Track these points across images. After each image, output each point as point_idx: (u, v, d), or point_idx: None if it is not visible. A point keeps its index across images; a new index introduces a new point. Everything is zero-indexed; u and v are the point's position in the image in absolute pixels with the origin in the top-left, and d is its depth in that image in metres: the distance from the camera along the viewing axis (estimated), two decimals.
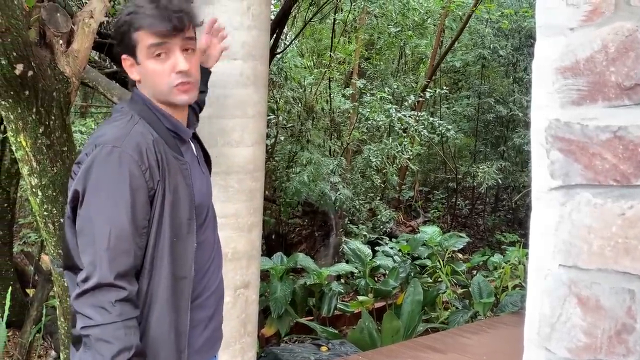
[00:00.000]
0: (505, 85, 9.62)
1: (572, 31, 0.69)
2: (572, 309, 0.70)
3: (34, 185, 2.12)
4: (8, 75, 1.83)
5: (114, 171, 1.24)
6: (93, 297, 1.20)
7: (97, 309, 1.19)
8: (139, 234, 1.25)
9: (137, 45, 1.34)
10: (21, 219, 6.71)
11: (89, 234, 1.23)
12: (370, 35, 9.03)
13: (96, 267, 1.21)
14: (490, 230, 9.39)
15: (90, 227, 1.24)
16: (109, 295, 1.20)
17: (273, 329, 4.79)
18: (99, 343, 1.18)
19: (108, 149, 1.26)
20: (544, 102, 0.72)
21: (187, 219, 1.35)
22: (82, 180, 1.26)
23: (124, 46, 1.37)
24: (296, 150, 7.05)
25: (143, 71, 1.37)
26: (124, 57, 1.39)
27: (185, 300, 1.35)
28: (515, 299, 5.09)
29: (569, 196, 0.70)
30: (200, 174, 1.47)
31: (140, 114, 1.36)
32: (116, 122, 1.35)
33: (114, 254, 1.21)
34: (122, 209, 1.23)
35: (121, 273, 1.22)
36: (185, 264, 1.35)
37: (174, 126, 1.39)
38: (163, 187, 1.30)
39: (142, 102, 1.39)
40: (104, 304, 1.19)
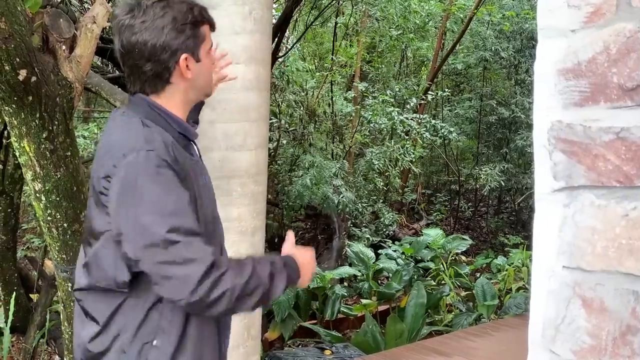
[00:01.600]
0: (507, 87, 9.62)
1: (573, 33, 0.69)
2: (576, 311, 0.70)
3: (37, 190, 2.12)
4: (12, 81, 1.84)
5: (159, 173, 1.19)
6: (210, 280, 1.15)
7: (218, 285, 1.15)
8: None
9: (204, 40, 1.32)
10: (25, 224, 6.73)
11: (157, 233, 1.15)
12: (372, 38, 9.04)
13: (192, 259, 1.15)
14: (493, 233, 9.37)
15: (157, 229, 1.15)
16: (218, 270, 1.16)
17: (277, 333, 4.79)
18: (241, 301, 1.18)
19: (144, 154, 1.19)
20: (546, 104, 0.72)
21: (212, 216, 1.36)
22: (129, 191, 1.18)
23: (191, 42, 1.29)
24: (298, 154, 7.05)
25: (201, 68, 1.34)
26: (185, 56, 1.29)
27: None
28: (519, 301, 5.08)
29: (572, 197, 0.70)
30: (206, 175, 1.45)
31: (148, 117, 1.29)
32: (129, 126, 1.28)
33: (194, 242, 1.17)
34: (181, 203, 1.19)
35: (211, 251, 1.18)
36: None
37: (181, 127, 1.35)
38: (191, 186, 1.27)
39: (147, 105, 1.32)
40: (217, 278, 1.15)
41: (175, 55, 1.28)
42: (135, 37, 1.26)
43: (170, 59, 1.28)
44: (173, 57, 1.28)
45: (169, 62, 1.28)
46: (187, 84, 1.33)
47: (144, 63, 1.28)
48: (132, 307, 1.25)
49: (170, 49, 1.27)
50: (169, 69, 1.29)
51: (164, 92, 1.32)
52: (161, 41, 1.26)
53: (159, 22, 1.26)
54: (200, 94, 1.40)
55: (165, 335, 1.25)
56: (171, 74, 1.30)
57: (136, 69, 1.30)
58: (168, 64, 1.28)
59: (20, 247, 5.94)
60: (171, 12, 1.27)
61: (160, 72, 1.29)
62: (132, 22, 1.26)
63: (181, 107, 1.36)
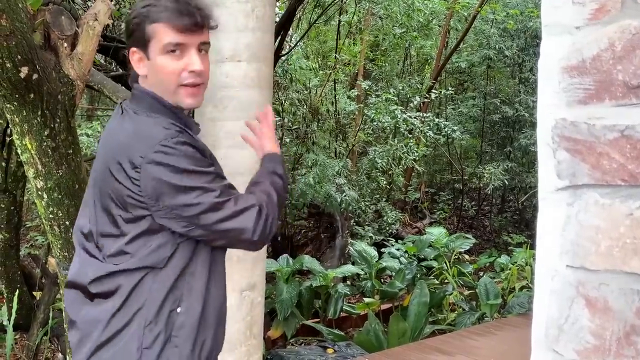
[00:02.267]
0: (511, 85, 9.59)
1: (578, 30, 0.68)
2: (580, 311, 0.69)
3: (39, 188, 2.12)
4: (13, 79, 1.84)
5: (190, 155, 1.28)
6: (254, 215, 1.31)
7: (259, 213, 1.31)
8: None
9: (151, 39, 1.31)
10: (28, 221, 6.75)
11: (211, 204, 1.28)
12: (375, 36, 9.03)
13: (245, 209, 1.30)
14: (496, 232, 9.35)
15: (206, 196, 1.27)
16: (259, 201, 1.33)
17: (279, 331, 4.79)
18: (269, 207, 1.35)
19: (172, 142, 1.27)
20: (550, 102, 0.72)
21: None
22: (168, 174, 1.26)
23: (135, 39, 1.33)
24: (301, 152, 7.05)
25: (152, 67, 1.33)
26: (133, 50, 1.35)
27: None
28: (523, 300, 5.06)
29: (576, 196, 0.69)
30: None
31: (151, 109, 1.33)
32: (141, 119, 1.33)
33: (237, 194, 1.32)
34: (214, 167, 1.32)
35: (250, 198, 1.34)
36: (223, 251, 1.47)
37: (183, 122, 1.36)
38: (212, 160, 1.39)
39: (151, 98, 1.35)
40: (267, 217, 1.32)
41: (129, 47, 1.37)
42: None
43: (128, 49, 1.38)
44: (128, 48, 1.38)
45: (127, 51, 1.40)
46: (146, 79, 1.37)
47: None
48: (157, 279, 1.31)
49: (127, 40, 1.38)
50: (128, 59, 1.39)
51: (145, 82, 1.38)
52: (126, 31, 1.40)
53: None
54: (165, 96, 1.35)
55: (189, 300, 1.33)
56: (132, 65, 1.38)
57: None
58: (127, 54, 1.40)
59: (23, 244, 5.96)
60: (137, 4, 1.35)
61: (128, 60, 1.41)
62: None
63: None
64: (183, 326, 1.31)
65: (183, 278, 1.33)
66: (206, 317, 1.35)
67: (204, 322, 1.34)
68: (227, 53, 2.12)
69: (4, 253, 4.53)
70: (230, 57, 2.10)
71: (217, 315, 1.39)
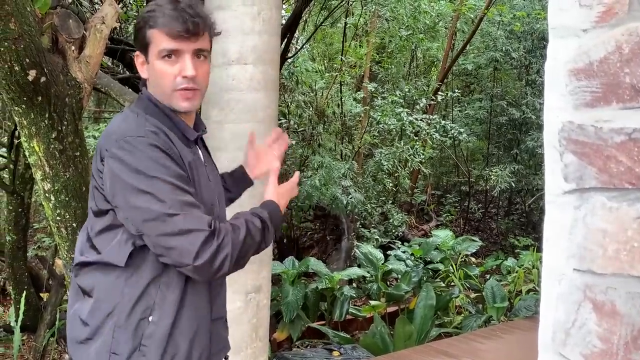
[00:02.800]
0: (517, 87, 9.56)
1: (585, 32, 0.68)
2: (587, 315, 0.69)
3: (47, 190, 2.13)
4: (21, 81, 1.85)
5: (147, 156, 1.24)
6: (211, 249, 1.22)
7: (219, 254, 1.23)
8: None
9: (150, 44, 1.35)
10: (36, 223, 6.79)
11: (162, 215, 1.22)
12: (382, 38, 9.03)
13: (189, 230, 1.21)
14: (503, 234, 9.32)
15: (155, 206, 1.22)
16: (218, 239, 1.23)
17: (285, 334, 4.79)
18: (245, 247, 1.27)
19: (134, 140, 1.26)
20: (557, 104, 0.71)
21: (211, 204, 1.38)
22: (121, 172, 1.25)
23: (139, 43, 1.38)
24: (307, 154, 7.05)
25: (151, 70, 1.37)
26: (137, 54, 1.40)
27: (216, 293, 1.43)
28: (529, 303, 5.04)
29: (583, 199, 0.69)
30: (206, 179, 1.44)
31: (146, 111, 1.36)
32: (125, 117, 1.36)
33: (190, 213, 1.23)
34: (175, 180, 1.24)
35: (206, 220, 1.24)
36: None
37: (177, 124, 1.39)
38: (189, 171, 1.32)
39: (148, 100, 1.39)
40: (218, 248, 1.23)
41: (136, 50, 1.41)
42: None
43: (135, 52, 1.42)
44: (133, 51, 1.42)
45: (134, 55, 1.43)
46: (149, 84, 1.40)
47: None
48: (129, 283, 1.30)
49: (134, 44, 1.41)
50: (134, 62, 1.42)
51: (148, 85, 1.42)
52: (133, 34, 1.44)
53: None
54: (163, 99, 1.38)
55: (161, 310, 1.30)
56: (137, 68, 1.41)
57: None
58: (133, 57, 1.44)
59: (31, 246, 5.99)
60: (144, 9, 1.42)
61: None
62: None
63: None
64: (152, 336, 1.29)
65: (156, 287, 1.30)
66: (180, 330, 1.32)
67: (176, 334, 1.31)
68: (234, 56, 2.13)
69: (12, 255, 4.55)
70: (237, 60, 2.11)
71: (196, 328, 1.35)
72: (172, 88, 1.35)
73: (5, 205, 4.57)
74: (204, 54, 1.38)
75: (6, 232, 4.56)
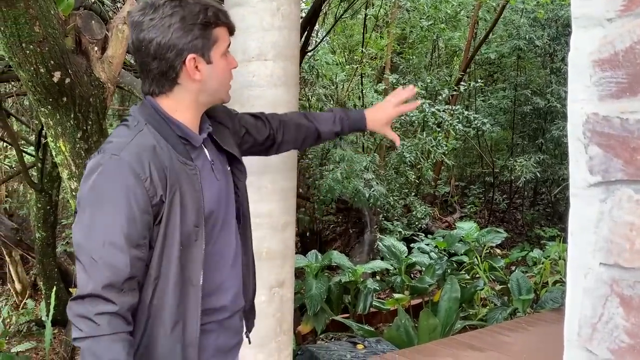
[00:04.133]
0: (542, 76, 9.40)
1: (610, 22, 0.66)
2: (614, 309, 0.68)
3: (73, 188, 2.18)
4: (46, 83, 1.88)
5: (111, 181, 1.22)
6: (83, 307, 1.17)
7: (86, 321, 1.17)
8: (136, 244, 1.21)
9: (217, 42, 1.31)
10: (64, 219, 6.93)
11: (83, 243, 1.21)
12: (402, 29, 8.96)
13: (88, 277, 1.19)
14: (529, 225, 9.20)
15: (84, 236, 1.22)
16: (97, 307, 1.17)
17: (309, 327, 4.81)
18: (89, 356, 1.17)
19: (107, 158, 1.23)
20: (581, 96, 0.70)
21: (195, 225, 1.30)
22: (82, 187, 1.25)
23: (201, 43, 1.29)
24: (329, 148, 7.05)
25: (213, 71, 1.33)
26: (193, 56, 1.29)
27: (194, 309, 1.31)
28: (556, 295, 4.97)
29: (609, 192, 0.68)
30: (213, 180, 1.39)
31: (148, 119, 1.32)
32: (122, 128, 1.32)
33: (106, 265, 1.18)
34: (118, 218, 1.19)
35: (114, 285, 1.18)
36: (195, 272, 1.31)
37: (183, 132, 1.34)
38: (170, 196, 1.25)
39: (152, 107, 1.34)
40: (92, 315, 1.16)
41: (182, 55, 1.28)
42: (142, 35, 1.28)
43: (176, 58, 1.28)
44: (179, 56, 1.28)
45: (175, 61, 1.29)
46: (196, 85, 1.32)
47: (151, 61, 1.29)
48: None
49: (176, 47, 1.27)
50: (174, 68, 1.29)
51: (172, 93, 1.33)
52: (166, 39, 1.26)
53: (166, 20, 1.27)
54: (213, 98, 1.38)
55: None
56: (178, 74, 1.30)
57: (144, 66, 1.32)
58: (174, 63, 1.29)
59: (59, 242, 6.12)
60: (181, 12, 1.27)
61: (165, 71, 1.30)
62: (142, 19, 1.28)
63: (191, 109, 1.35)
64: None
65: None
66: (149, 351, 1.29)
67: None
68: (254, 52, 2.13)
69: (42, 251, 4.66)
70: (257, 57, 2.11)
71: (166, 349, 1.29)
72: (229, 82, 1.39)
73: (34, 203, 4.68)
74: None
75: (36, 229, 4.67)
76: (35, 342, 4.71)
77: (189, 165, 1.31)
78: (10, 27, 1.74)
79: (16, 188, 7.14)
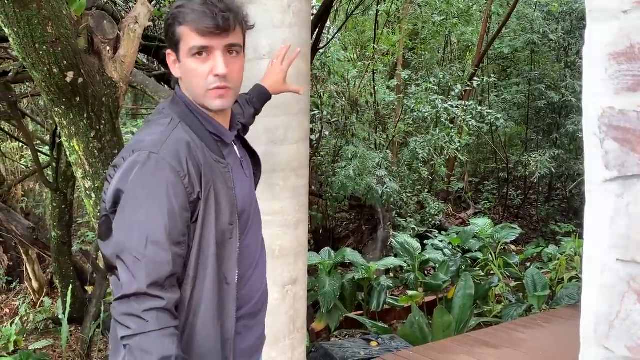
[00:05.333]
0: (556, 70, 9.29)
1: (625, 14, 0.65)
2: (631, 306, 0.67)
3: (87, 187, 2.19)
4: (60, 83, 1.90)
5: (151, 178, 1.21)
6: (129, 305, 1.17)
7: (134, 318, 1.17)
8: (177, 241, 1.21)
9: (180, 41, 1.30)
10: (80, 218, 7.00)
11: (126, 241, 1.20)
12: (414, 25, 8.90)
13: (133, 275, 1.18)
14: (544, 221, 9.11)
15: (126, 235, 1.21)
16: (145, 304, 1.17)
17: (323, 324, 4.82)
18: (139, 352, 1.16)
19: (145, 156, 1.22)
20: (596, 90, 0.69)
21: (229, 224, 1.31)
22: (120, 185, 1.24)
23: (169, 40, 1.33)
24: (341, 145, 7.03)
25: (183, 69, 1.32)
26: (168, 52, 1.36)
27: (231, 307, 1.32)
28: (572, 291, 4.92)
29: (626, 187, 0.67)
30: (243, 177, 1.41)
31: (181, 116, 1.32)
32: (155, 125, 1.31)
33: (150, 263, 1.18)
34: (159, 216, 1.19)
35: (158, 282, 1.18)
36: (230, 270, 1.32)
37: (215, 129, 1.35)
38: (206, 193, 1.26)
39: (183, 104, 1.35)
40: (139, 313, 1.16)
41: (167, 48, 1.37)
42: None
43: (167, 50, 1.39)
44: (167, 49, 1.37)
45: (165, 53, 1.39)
46: (182, 82, 1.37)
47: None
48: None
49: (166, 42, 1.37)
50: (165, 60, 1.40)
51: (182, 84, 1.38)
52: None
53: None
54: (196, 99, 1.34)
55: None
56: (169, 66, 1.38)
57: None
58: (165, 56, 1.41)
59: (75, 240, 6.18)
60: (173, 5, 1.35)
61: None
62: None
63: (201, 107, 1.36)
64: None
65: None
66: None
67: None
68: (265, 50, 2.13)
69: (57, 250, 4.72)
70: (268, 54, 2.11)
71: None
72: (205, 88, 1.30)
73: (50, 202, 4.73)
74: (236, 49, 1.32)
75: (51, 228, 4.73)
76: (52, 340, 4.76)
77: (221, 163, 1.33)
78: (24, 28, 1.75)
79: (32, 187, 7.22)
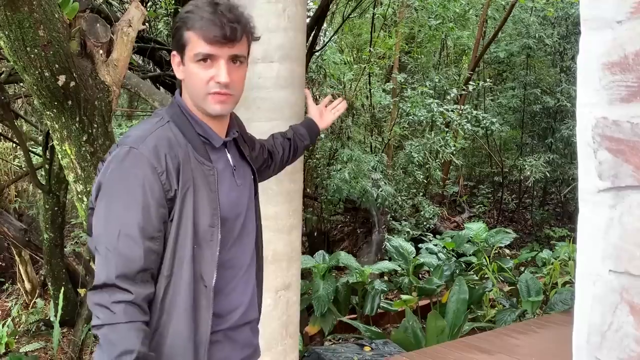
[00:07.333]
0: (552, 75, 9.34)
1: (619, 24, 0.65)
2: (624, 317, 0.66)
3: (79, 191, 2.18)
4: (52, 87, 1.89)
5: (128, 172, 1.25)
6: (100, 296, 1.20)
7: (103, 309, 1.19)
8: (151, 236, 1.23)
9: (186, 46, 1.32)
10: (73, 219, 6.97)
11: (101, 233, 1.24)
12: (411, 28, 8.93)
13: (104, 267, 1.22)
14: (538, 225, 9.14)
15: (102, 227, 1.25)
16: (114, 296, 1.19)
17: (317, 327, 4.81)
18: (105, 343, 1.19)
19: (125, 150, 1.26)
20: (590, 100, 0.69)
21: (210, 225, 1.31)
22: (100, 178, 1.28)
23: (175, 43, 1.36)
24: (337, 148, 7.04)
25: (186, 72, 1.35)
26: (174, 53, 1.38)
27: (206, 310, 1.31)
28: (566, 296, 4.93)
29: (619, 198, 0.66)
30: (232, 184, 1.41)
31: (172, 116, 1.36)
32: (144, 123, 1.36)
33: (120, 255, 1.21)
34: (133, 210, 1.22)
35: (127, 275, 1.20)
36: (207, 272, 1.31)
37: (204, 132, 1.37)
38: (183, 191, 1.28)
39: (178, 106, 1.38)
40: (108, 304, 1.19)
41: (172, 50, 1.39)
42: None
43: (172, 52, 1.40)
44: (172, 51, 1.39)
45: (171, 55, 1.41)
46: (185, 84, 1.38)
47: None
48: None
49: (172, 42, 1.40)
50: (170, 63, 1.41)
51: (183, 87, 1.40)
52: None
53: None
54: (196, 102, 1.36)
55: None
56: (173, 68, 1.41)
57: None
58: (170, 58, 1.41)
59: (68, 242, 6.15)
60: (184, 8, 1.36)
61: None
62: None
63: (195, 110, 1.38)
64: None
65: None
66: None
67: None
68: (259, 54, 2.12)
69: (50, 252, 4.69)
70: (263, 58, 2.10)
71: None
72: (205, 92, 1.33)
73: (42, 204, 4.71)
74: (240, 60, 1.35)
75: (44, 230, 4.70)
76: (44, 342, 4.73)
77: (206, 165, 1.34)
78: (15, 31, 1.74)
79: (25, 188, 7.19)
